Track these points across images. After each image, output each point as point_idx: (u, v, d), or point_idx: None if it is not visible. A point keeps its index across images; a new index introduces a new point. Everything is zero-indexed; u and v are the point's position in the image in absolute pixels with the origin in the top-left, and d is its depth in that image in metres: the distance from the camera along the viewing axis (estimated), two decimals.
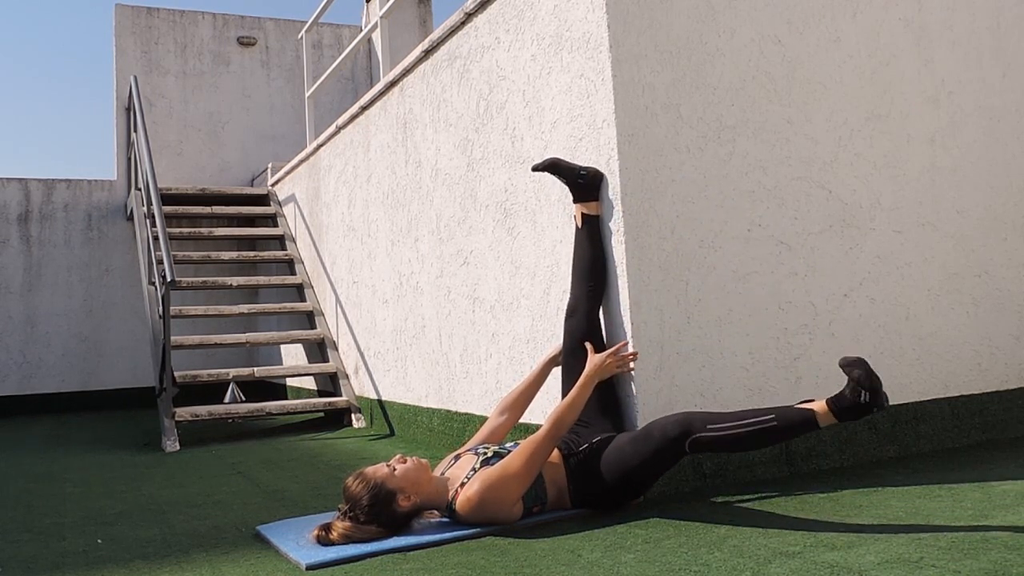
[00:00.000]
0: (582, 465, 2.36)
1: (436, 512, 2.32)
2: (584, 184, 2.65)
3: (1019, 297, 3.26)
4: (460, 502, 2.23)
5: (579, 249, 2.66)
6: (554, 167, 2.66)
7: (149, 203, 5.28)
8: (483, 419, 3.40)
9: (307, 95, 6.40)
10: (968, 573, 1.61)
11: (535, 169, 2.68)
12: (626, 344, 2.55)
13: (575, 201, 2.67)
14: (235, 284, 5.83)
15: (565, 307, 2.71)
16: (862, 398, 2.03)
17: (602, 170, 2.66)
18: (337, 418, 5.10)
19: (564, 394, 2.58)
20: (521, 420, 2.92)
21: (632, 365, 2.53)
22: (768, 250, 2.78)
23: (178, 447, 4.40)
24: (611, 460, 2.31)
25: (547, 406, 2.88)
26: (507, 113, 3.24)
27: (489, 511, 2.22)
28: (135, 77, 6.16)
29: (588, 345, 2.55)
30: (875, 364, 2.90)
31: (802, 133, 2.89)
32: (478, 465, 2.31)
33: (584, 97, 2.76)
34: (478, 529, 2.23)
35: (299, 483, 3.23)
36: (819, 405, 2.11)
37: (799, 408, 2.14)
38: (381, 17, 4.95)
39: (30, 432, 5.55)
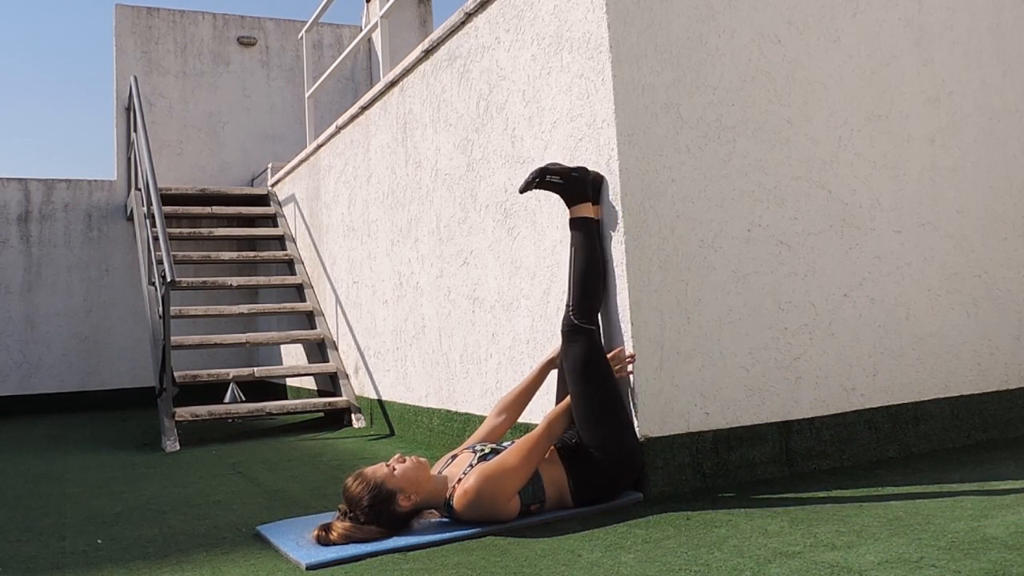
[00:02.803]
0: (576, 453, 2.37)
1: (436, 512, 2.33)
2: (592, 188, 2.66)
3: (1019, 297, 3.26)
4: (457, 496, 2.24)
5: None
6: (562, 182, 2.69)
7: (149, 203, 5.28)
8: (483, 419, 3.40)
9: (307, 95, 6.40)
10: (968, 573, 1.61)
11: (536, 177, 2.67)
12: (623, 349, 2.55)
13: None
14: (235, 284, 5.83)
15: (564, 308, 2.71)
16: (551, 180, 2.55)
17: (602, 170, 2.66)
18: (337, 418, 5.10)
19: (560, 396, 2.59)
20: (519, 420, 2.92)
21: (630, 368, 2.53)
22: (768, 250, 2.78)
23: (178, 447, 4.40)
24: (575, 407, 2.41)
25: (545, 406, 2.88)
26: (507, 113, 3.24)
27: (486, 505, 2.23)
28: (135, 77, 6.16)
29: None
30: (875, 364, 2.90)
31: (802, 133, 2.89)
32: (475, 462, 2.31)
33: (584, 97, 2.76)
34: (478, 529, 2.23)
35: (299, 483, 3.23)
36: (568, 212, 2.59)
37: (570, 229, 2.59)
38: (381, 17, 4.95)
39: (30, 432, 5.55)
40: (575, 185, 2.63)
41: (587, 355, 2.39)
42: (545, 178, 2.58)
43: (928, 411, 2.98)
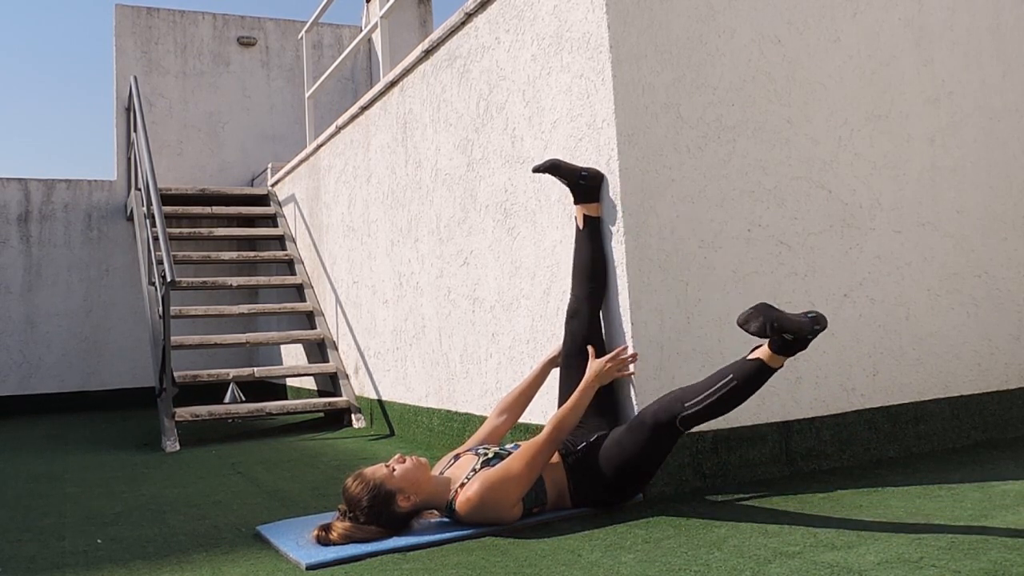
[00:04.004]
0: (581, 463, 2.37)
1: (436, 512, 2.32)
2: (585, 186, 2.65)
3: (1019, 297, 3.26)
4: (460, 502, 2.23)
5: (580, 250, 2.66)
6: (555, 168, 2.65)
7: (149, 203, 5.28)
8: (483, 419, 3.40)
9: (307, 95, 6.40)
10: (968, 573, 1.61)
11: (536, 170, 2.68)
12: (625, 348, 2.55)
13: (576, 203, 2.67)
14: (235, 284, 5.83)
15: (565, 307, 2.71)
16: (785, 337, 2.10)
17: (602, 170, 2.66)
18: (337, 418, 5.10)
19: (562, 395, 2.58)
20: (520, 420, 2.92)
21: (632, 369, 2.53)
22: (768, 250, 2.78)
23: (178, 447, 4.39)
24: (610, 454, 2.33)
25: (547, 406, 2.88)
26: (507, 113, 3.24)
27: (489, 511, 2.22)
28: (135, 77, 6.16)
29: (590, 349, 2.55)
30: (875, 364, 2.90)
31: (802, 133, 2.89)
32: (478, 466, 2.31)
33: (584, 97, 2.76)
34: (478, 529, 2.23)
35: (299, 483, 3.23)
36: (764, 352, 2.17)
37: (750, 360, 2.20)
38: (381, 17, 4.95)
39: (30, 432, 5.55)
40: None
41: (663, 448, 2.31)
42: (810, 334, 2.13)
43: (928, 411, 2.98)
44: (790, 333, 2.09)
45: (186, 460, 3.99)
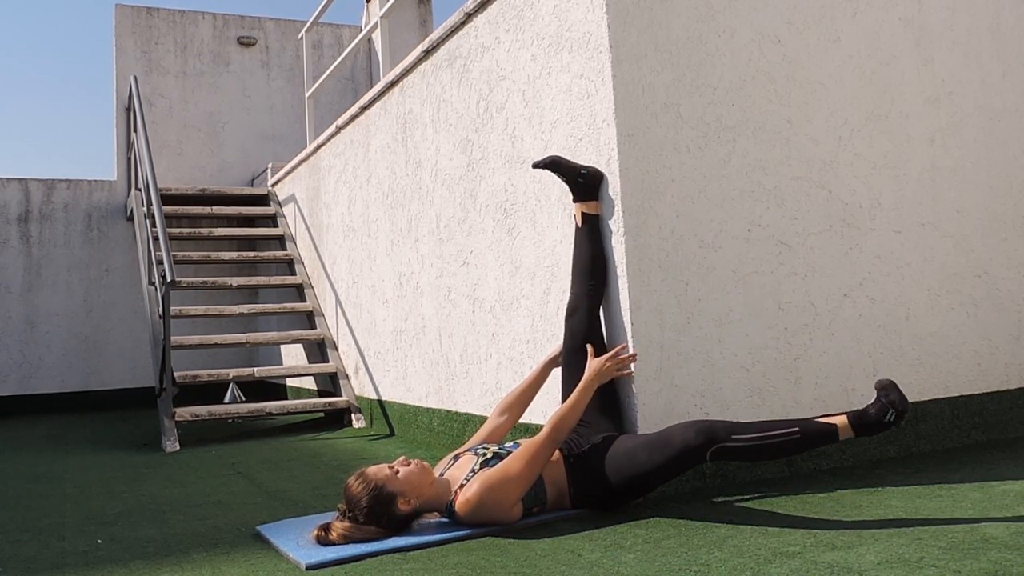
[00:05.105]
0: (583, 464, 2.36)
1: (436, 513, 2.32)
2: (584, 184, 2.65)
3: (1019, 297, 3.26)
4: (459, 503, 2.23)
5: (579, 248, 2.66)
6: (555, 165, 2.66)
7: (149, 203, 5.28)
8: (483, 419, 3.40)
9: (307, 95, 6.40)
10: (968, 573, 1.61)
11: (536, 166, 2.68)
12: (625, 347, 2.55)
13: (575, 200, 2.67)
14: (235, 284, 5.83)
15: (565, 307, 2.71)
16: (887, 417, 2.09)
17: (602, 170, 2.66)
18: (337, 418, 5.10)
19: (564, 394, 2.58)
20: (521, 420, 2.92)
21: (632, 368, 2.53)
22: (768, 250, 2.78)
23: (178, 447, 4.40)
24: (621, 464, 2.30)
25: (547, 406, 2.88)
26: (507, 113, 3.24)
27: (488, 512, 2.22)
28: (135, 77, 6.16)
29: (589, 348, 2.55)
30: (875, 364, 2.90)
31: (802, 133, 2.89)
32: (477, 466, 2.31)
33: (584, 97, 2.76)
34: (478, 529, 2.23)
35: (299, 483, 3.23)
36: (840, 420, 2.14)
37: (822, 422, 2.17)
38: (381, 17, 4.95)
39: (30, 432, 5.55)
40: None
41: (681, 470, 2.28)
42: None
43: (928, 411, 2.98)
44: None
45: (186, 460, 3.99)
